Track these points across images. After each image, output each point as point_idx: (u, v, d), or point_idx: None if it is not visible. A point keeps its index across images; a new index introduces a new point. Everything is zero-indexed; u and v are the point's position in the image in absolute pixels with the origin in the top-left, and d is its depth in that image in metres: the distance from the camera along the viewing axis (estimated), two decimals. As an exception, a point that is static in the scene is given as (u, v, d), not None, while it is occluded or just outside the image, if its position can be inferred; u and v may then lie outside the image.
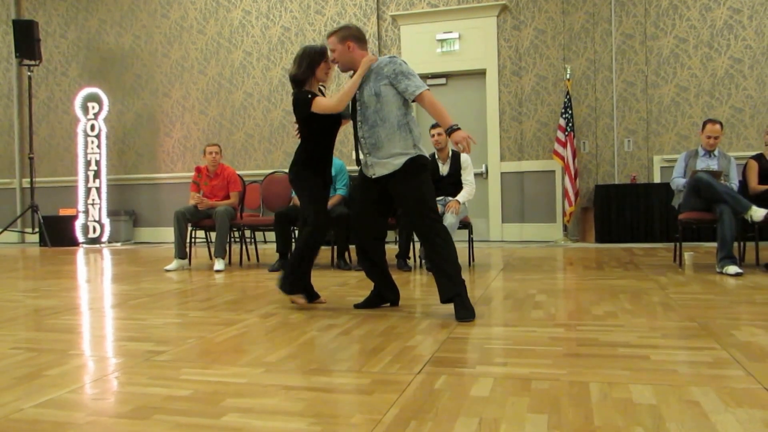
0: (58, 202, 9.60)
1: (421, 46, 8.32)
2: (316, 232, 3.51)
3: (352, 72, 3.41)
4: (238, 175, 6.19)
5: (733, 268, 4.47)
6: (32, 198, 9.05)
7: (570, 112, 7.54)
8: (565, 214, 7.65)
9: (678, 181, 5.16)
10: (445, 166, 5.37)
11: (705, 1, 7.51)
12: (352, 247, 3.66)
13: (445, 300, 3.21)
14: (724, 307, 3.32)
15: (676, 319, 3.03)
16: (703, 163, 5.13)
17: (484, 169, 8.13)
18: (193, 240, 6.09)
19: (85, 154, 9.17)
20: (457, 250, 3.28)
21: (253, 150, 9.00)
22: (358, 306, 3.53)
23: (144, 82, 9.50)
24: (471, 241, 5.63)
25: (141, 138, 9.54)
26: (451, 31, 8.22)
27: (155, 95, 9.45)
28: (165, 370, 2.32)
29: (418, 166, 3.29)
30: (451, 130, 3.19)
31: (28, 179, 9.30)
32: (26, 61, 8.95)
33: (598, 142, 7.86)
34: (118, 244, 9.08)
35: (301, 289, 3.57)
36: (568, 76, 7.64)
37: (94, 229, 9.06)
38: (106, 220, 9.13)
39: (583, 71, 7.85)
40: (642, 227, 7.38)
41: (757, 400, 1.85)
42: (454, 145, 3.22)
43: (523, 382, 2.06)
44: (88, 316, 3.50)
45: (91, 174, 9.17)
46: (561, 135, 7.55)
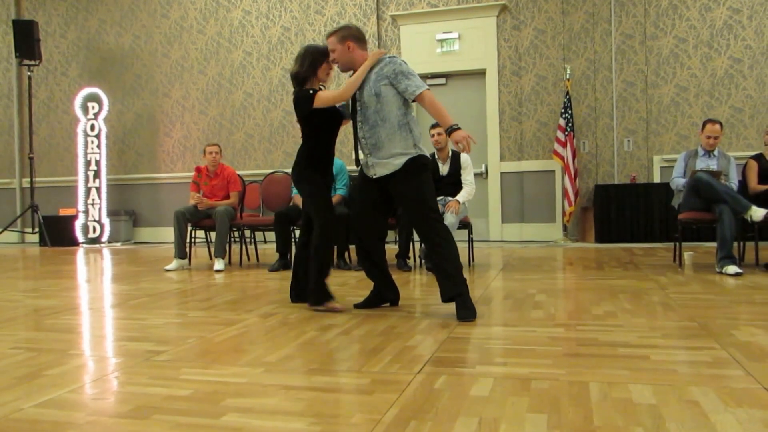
0: (58, 202, 9.60)
1: (420, 46, 8.32)
2: (325, 236, 3.47)
3: (352, 72, 3.41)
4: (238, 175, 6.19)
5: (732, 268, 4.47)
6: (32, 198, 9.05)
7: (570, 112, 7.54)
8: (564, 214, 7.65)
9: (678, 181, 5.16)
10: (445, 166, 5.37)
11: (705, 1, 7.52)
12: (352, 247, 3.64)
13: (446, 299, 3.21)
14: (723, 307, 3.32)
15: (676, 319, 3.03)
16: (702, 163, 5.13)
17: (483, 169, 8.13)
18: (193, 240, 6.09)
19: (85, 154, 9.17)
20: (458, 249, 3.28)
21: (253, 150, 9.00)
22: (358, 306, 3.53)
23: (144, 82, 9.50)
24: (471, 241, 5.63)
25: (141, 138, 9.54)
26: (450, 31, 8.22)
27: (155, 95, 9.45)
28: (165, 370, 2.32)
29: (418, 165, 3.29)
30: (451, 130, 3.19)
31: (28, 179, 9.30)
32: (26, 61, 8.95)
33: (598, 142, 7.86)
34: (118, 244, 9.08)
35: (329, 295, 3.48)
36: (568, 76, 7.64)
37: (94, 229, 9.07)
38: (106, 220, 9.13)
39: (582, 71, 7.85)
40: (642, 227, 7.38)
41: (757, 399, 1.86)
42: (454, 144, 3.22)
43: (523, 382, 2.07)
44: (88, 316, 3.50)
45: (91, 174, 9.17)
46: (561, 135, 7.56)
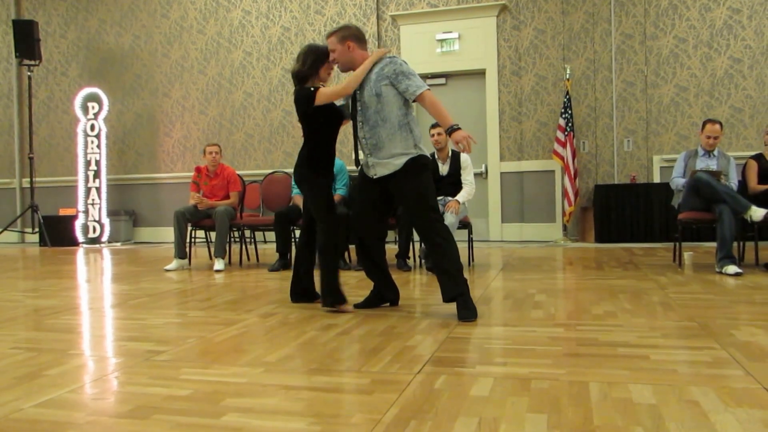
0: (58, 201, 9.60)
1: (420, 46, 8.32)
2: (330, 237, 3.46)
3: (352, 72, 3.41)
4: (238, 175, 6.19)
5: (732, 268, 4.47)
6: (32, 198, 9.05)
7: (569, 112, 7.54)
8: (564, 214, 7.65)
9: (677, 180, 5.16)
10: (445, 166, 5.37)
11: (704, 1, 7.52)
12: (352, 247, 3.64)
13: (447, 299, 3.21)
14: (723, 307, 3.32)
15: (676, 319, 3.03)
16: (702, 163, 5.13)
17: (483, 169, 8.14)
18: (193, 240, 6.09)
19: (85, 154, 9.17)
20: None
21: (253, 150, 9.00)
22: (357, 306, 3.52)
23: (144, 82, 9.50)
24: (471, 241, 5.63)
25: (141, 138, 9.54)
26: (450, 31, 8.22)
27: (155, 95, 9.45)
28: (165, 370, 2.32)
29: (419, 165, 3.29)
30: (452, 130, 3.19)
31: (28, 179, 9.30)
32: (26, 61, 8.95)
33: (598, 142, 7.86)
34: (118, 244, 9.08)
35: (342, 298, 3.46)
36: (568, 76, 7.64)
37: (94, 229, 9.06)
38: (106, 220, 9.13)
39: (582, 71, 7.85)
40: (641, 227, 7.39)
41: (757, 399, 1.86)
42: (454, 144, 3.22)
43: (523, 382, 2.07)
44: (88, 316, 3.50)
45: (91, 174, 9.17)
46: (561, 135, 7.56)
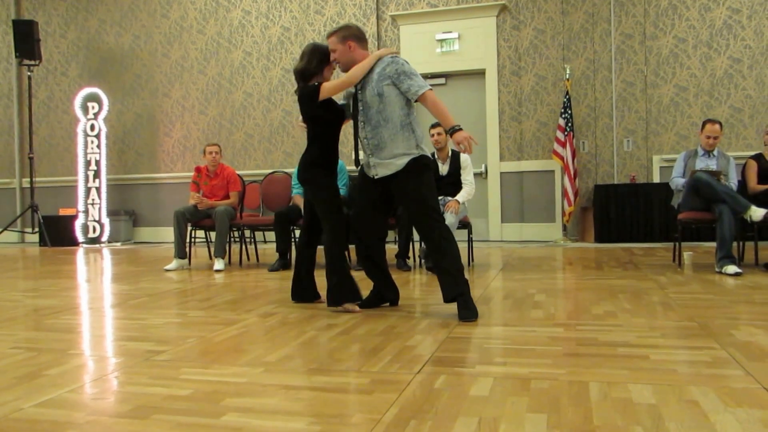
0: (58, 201, 9.60)
1: (420, 46, 8.32)
2: (336, 237, 3.44)
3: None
4: (238, 175, 6.19)
5: (732, 268, 4.47)
6: (32, 198, 9.05)
7: (569, 112, 7.54)
8: (564, 214, 7.65)
9: (677, 180, 5.16)
10: (445, 166, 5.37)
11: (704, 1, 7.52)
12: (352, 247, 3.64)
13: (448, 299, 3.21)
14: (723, 307, 3.32)
15: (676, 319, 3.03)
16: (702, 163, 5.13)
17: (483, 169, 8.14)
18: (193, 240, 6.09)
19: (85, 154, 9.17)
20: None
21: (253, 150, 9.00)
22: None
23: (144, 82, 9.50)
24: (470, 241, 5.63)
25: (141, 138, 9.54)
26: (450, 31, 8.22)
27: (155, 95, 9.45)
28: (165, 370, 2.32)
29: (420, 166, 3.29)
30: (453, 131, 3.18)
31: (28, 179, 9.30)
32: (26, 61, 8.95)
33: (598, 142, 7.86)
34: (118, 244, 9.08)
35: (349, 297, 3.45)
36: (568, 76, 7.64)
37: (94, 229, 9.07)
38: (106, 220, 9.13)
39: (582, 71, 7.85)
40: (641, 227, 7.39)
41: (756, 399, 1.86)
42: (455, 145, 3.21)
43: (523, 382, 2.07)
44: (88, 316, 3.50)
45: (91, 174, 9.17)
46: (560, 135, 7.56)
